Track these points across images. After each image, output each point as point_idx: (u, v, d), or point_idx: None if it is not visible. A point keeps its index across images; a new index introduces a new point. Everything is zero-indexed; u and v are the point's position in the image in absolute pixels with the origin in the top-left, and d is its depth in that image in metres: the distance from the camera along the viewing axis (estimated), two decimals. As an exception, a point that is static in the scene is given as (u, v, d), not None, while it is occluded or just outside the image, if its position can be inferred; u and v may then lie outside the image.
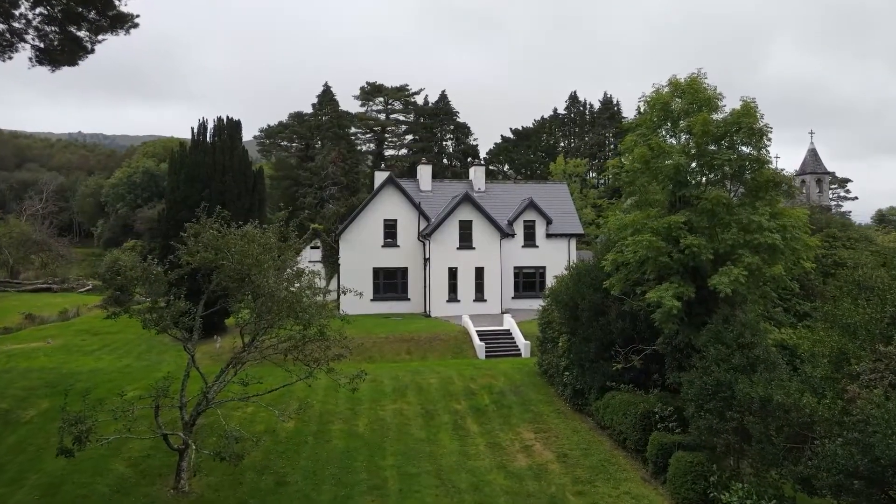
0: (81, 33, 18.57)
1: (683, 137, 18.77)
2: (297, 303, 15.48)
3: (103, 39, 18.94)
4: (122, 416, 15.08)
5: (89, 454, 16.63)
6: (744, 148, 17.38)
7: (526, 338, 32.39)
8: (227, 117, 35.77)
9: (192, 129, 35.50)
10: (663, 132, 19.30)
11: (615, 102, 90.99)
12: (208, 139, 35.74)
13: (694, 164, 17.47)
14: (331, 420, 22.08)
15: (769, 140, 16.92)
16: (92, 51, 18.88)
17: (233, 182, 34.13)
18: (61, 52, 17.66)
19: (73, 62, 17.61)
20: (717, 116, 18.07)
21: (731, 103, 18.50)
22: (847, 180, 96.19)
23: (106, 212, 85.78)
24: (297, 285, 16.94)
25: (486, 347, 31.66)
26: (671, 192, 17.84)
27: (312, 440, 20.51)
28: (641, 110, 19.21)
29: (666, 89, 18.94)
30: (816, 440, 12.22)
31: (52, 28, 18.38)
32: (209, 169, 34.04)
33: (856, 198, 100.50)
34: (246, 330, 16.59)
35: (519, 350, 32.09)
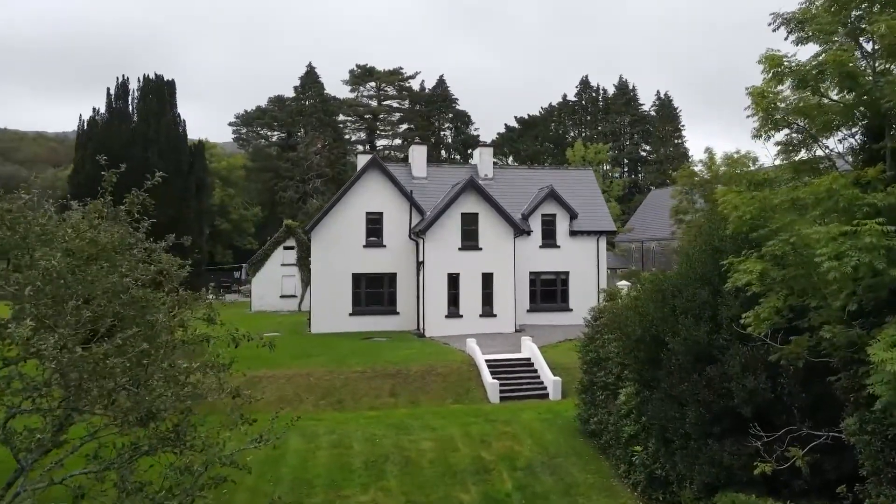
0: None
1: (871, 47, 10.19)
2: (113, 375, 6.69)
3: None
4: None
5: None
6: None
7: (554, 371, 23.70)
8: (156, 75, 26.86)
9: (108, 90, 26.58)
10: (835, 40, 10.72)
11: (631, 87, 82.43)
12: (131, 105, 26.86)
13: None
14: (257, 531, 13.41)
15: None
16: None
17: (159, 158, 25.21)
18: None
19: None
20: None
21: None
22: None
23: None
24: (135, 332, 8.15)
25: (501, 386, 22.95)
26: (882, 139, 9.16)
27: (214, 583, 11.83)
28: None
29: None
30: None
31: None
32: (126, 141, 25.13)
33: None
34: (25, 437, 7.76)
35: (545, 389, 23.36)
